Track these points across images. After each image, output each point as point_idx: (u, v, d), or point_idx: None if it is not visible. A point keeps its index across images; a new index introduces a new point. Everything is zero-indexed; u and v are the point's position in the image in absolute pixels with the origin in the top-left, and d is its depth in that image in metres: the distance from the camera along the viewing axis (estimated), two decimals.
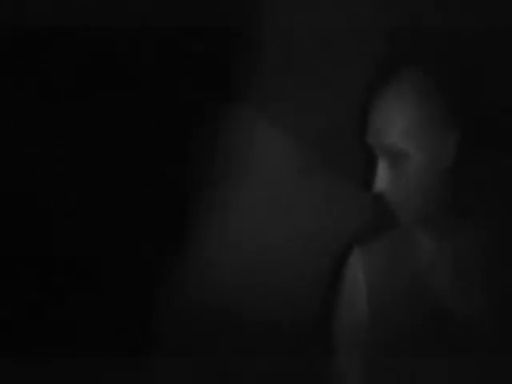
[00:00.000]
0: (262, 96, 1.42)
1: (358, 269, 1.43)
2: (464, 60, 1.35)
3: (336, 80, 1.46)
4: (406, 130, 1.33)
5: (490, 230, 1.38)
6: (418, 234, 1.41)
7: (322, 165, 1.48)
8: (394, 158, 1.35)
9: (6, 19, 0.59)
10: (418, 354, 1.36)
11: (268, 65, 1.42)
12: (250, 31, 0.68)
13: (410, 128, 1.33)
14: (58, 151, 0.61)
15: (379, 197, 1.44)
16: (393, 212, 1.39)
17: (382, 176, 1.37)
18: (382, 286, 1.41)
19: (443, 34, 1.37)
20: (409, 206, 1.36)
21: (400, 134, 1.33)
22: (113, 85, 0.61)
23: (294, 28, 1.44)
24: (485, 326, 1.34)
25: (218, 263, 1.43)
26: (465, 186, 1.36)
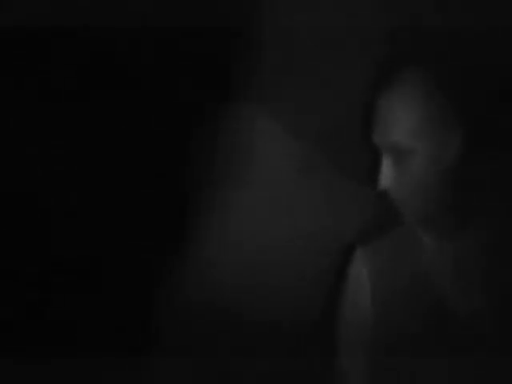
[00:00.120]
0: (261, 96, 1.42)
1: (361, 268, 1.43)
2: (464, 60, 1.35)
3: (336, 80, 1.46)
4: (411, 127, 1.33)
5: (490, 229, 1.38)
6: (420, 233, 1.41)
7: (323, 165, 1.48)
8: (399, 155, 1.35)
9: (5, 19, 0.59)
10: (418, 354, 1.36)
11: (268, 65, 1.42)
12: (250, 31, 0.68)
13: (415, 126, 1.33)
14: (58, 151, 0.61)
15: (383, 194, 1.44)
16: (397, 210, 1.39)
17: (387, 173, 1.37)
18: (384, 286, 1.41)
19: (443, 34, 1.37)
20: (413, 203, 1.35)
21: (405, 132, 1.33)
22: (113, 85, 0.62)
23: (294, 28, 1.44)
24: (485, 326, 1.34)
25: (218, 263, 1.43)
26: (465, 185, 1.36)
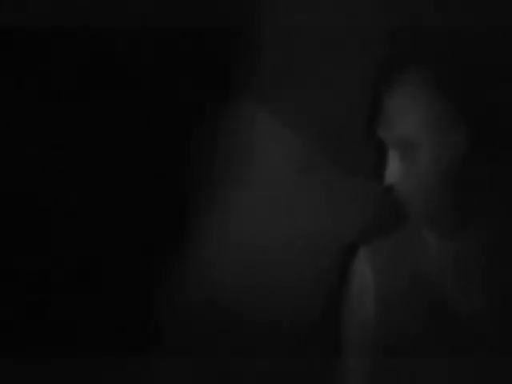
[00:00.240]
0: (261, 96, 1.42)
1: (365, 268, 1.43)
2: (464, 60, 1.35)
3: (336, 80, 1.46)
4: (417, 123, 1.33)
5: (490, 229, 1.38)
6: (425, 232, 1.41)
7: (323, 164, 1.47)
8: (405, 149, 1.34)
9: (5, 19, 0.59)
10: (418, 354, 1.36)
11: (268, 65, 1.42)
12: (250, 31, 0.68)
13: (420, 123, 1.34)
14: (58, 151, 0.61)
15: (390, 189, 1.43)
16: (402, 206, 1.39)
17: (393, 168, 1.37)
18: (384, 286, 1.41)
19: (443, 34, 1.37)
20: (418, 199, 1.35)
21: (412, 127, 1.34)
22: (113, 85, 0.61)
23: (294, 28, 1.44)
24: (485, 326, 1.34)
25: (218, 263, 1.42)
26: (465, 185, 1.36)
